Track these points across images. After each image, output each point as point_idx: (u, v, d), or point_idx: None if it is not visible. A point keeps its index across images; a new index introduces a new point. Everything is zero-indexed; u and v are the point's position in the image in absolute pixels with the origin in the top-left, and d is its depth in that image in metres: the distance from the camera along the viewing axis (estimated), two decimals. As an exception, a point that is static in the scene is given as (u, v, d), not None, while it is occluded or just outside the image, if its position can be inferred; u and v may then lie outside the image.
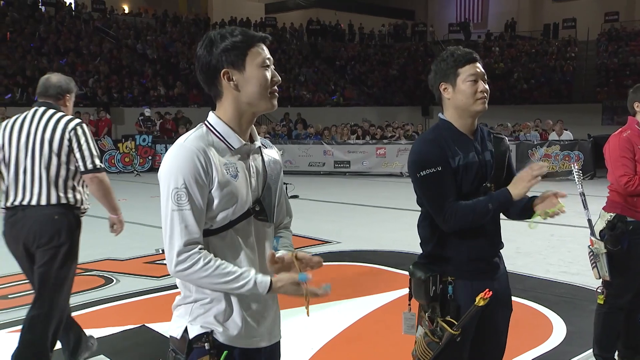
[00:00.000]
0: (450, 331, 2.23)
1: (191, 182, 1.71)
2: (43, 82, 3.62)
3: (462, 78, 2.30)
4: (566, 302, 4.89)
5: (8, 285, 5.57)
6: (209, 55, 1.77)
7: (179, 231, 1.71)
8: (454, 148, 2.27)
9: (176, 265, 1.71)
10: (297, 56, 28.94)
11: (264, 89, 1.79)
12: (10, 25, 22.08)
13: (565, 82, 26.73)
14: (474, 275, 2.32)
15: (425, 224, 2.39)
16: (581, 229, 7.62)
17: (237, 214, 1.78)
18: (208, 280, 1.72)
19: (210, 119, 1.83)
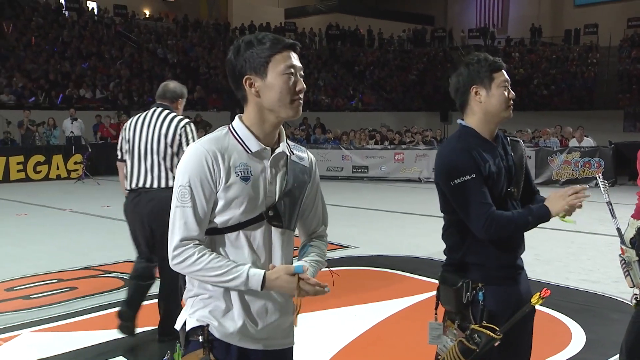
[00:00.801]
0: (492, 335, 2.19)
1: (196, 181, 1.76)
2: (162, 87, 4.34)
3: (497, 83, 2.30)
4: (586, 310, 4.84)
5: (30, 285, 5.65)
6: (235, 61, 1.82)
7: (178, 227, 1.77)
8: (483, 155, 2.26)
9: (172, 259, 1.78)
10: (316, 61, 29.01)
11: (285, 96, 1.80)
12: (35, 30, 22.44)
13: (587, 89, 26.49)
14: (503, 280, 2.31)
15: (452, 232, 2.36)
16: (601, 237, 7.57)
17: (246, 217, 1.80)
18: (201, 273, 1.77)
19: (234, 121, 1.88)
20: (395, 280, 5.86)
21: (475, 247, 2.30)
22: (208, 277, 1.77)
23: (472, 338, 2.23)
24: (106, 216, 9.52)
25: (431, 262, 6.56)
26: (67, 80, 20.31)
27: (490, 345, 2.21)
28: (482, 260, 2.30)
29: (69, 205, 10.92)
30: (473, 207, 2.21)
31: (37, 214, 10.07)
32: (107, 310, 4.83)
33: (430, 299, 5.20)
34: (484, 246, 2.29)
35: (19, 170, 15.28)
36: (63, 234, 8.27)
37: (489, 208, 2.20)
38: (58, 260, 6.57)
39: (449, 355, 2.28)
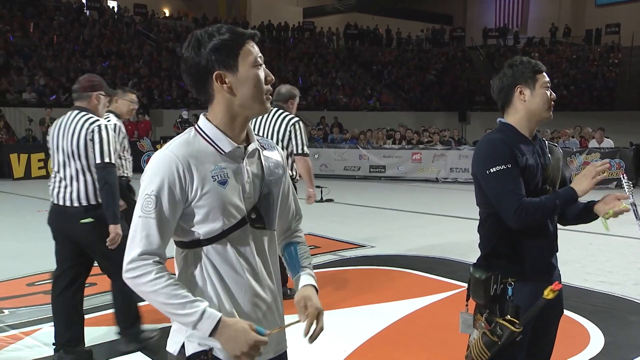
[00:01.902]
0: (512, 329, 2.24)
1: (163, 191, 1.61)
2: (276, 91, 5.10)
3: (540, 83, 2.40)
4: (604, 312, 4.80)
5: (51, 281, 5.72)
6: (198, 56, 1.64)
7: (139, 239, 1.62)
8: (521, 148, 2.34)
9: (126, 272, 1.62)
10: (334, 60, 29.01)
11: (259, 90, 1.69)
12: (57, 29, 22.73)
13: (608, 89, 26.16)
14: (534, 276, 2.35)
15: (488, 225, 2.42)
16: (620, 239, 7.49)
17: (230, 223, 1.67)
18: (153, 297, 1.61)
19: (200, 122, 1.72)
20: (412, 280, 5.86)
21: (507, 240, 2.35)
22: (158, 303, 1.61)
23: (495, 331, 2.28)
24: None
25: (448, 262, 6.55)
26: (88, 78, 20.52)
27: (512, 339, 2.24)
28: (516, 254, 2.36)
29: (88, 202, 11.03)
30: (506, 195, 2.27)
31: (57, 211, 10.19)
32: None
33: (446, 299, 5.20)
34: (519, 239, 2.34)
35: (40, 167, 15.50)
36: (83, 230, 8.36)
37: (521, 197, 2.26)
38: (78, 256, 6.65)
39: (475, 347, 2.34)
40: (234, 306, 1.70)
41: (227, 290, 1.70)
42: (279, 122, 4.98)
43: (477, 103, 26.99)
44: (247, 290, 1.72)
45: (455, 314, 4.72)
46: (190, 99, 21.86)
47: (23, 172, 15.23)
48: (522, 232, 2.32)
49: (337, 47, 31.49)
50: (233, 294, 1.70)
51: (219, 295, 1.69)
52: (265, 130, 4.99)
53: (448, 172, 15.16)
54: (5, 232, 8.20)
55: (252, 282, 1.72)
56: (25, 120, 16.89)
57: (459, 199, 11.95)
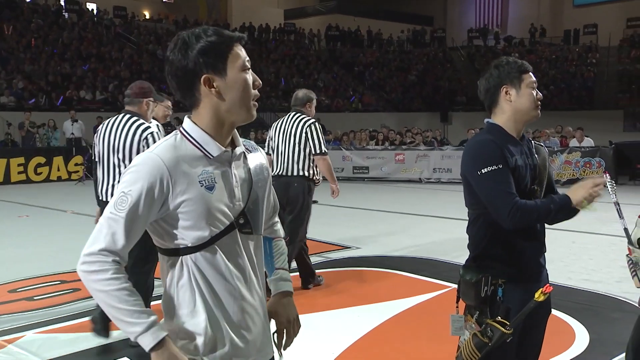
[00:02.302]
0: (503, 330, 2.25)
1: (141, 194, 1.54)
2: (294, 96, 5.53)
3: (526, 83, 2.41)
4: (588, 310, 4.85)
5: (34, 287, 5.66)
6: (185, 59, 1.58)
7: (104, 235, 1.55)
8: (510, 149, 2.35)
9: (82, 264, 1.55)
10: (316, 62, 29.03)
11: (247, 95, 1.64)
12: (35, 32, 22.45)
13: (586, 89, 26.52)
14: (524, 277, 2.37)
15: (478, 225, 2.42)
16: (603, 237, 7.58)
17: (218, 229, 1.61)
18: (103, 297, 1.53)
19: (185, 124, 1.66)
20: (398, 281, 5.87)
21: (500, 241, 2.36)
22: (106, 304, 1.54)
23: (485, 332, 2.28)
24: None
25: (434, 262, 6.58)
26: (68, 81, 20.32)
27: (503, 340, 2.26)
28: (506, 254, 2.37)
29: (70, 206, 10.92)
30: (499, 196, 2.28)
31: (38, 216, 10.08)
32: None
33: (433, 299, 5.22)
34: (509, 240, 2.35)
35: (19, 172, 15.29)
36: (65, 235, 8.27)
37: (514, 197, 2.27)
38: (61, 262, 6.56)
39: (465, 348, 2.34)
40: (222, 314, 1.66)
41: (216, 298, 1.65)
42: (296, 125, 5.28)
43: (458, 103, 27.20)
44: (236, 297, 1.67)
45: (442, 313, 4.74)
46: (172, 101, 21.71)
47: (2, 177, 15.01)
48: (512, 233, 2.33)
49: (319, 49, 31.53)
50: (222, 302, 1.66)
51: (208, 303, 1.64)
52: (283, 134, 5.30)
53: (431, 172, 15.23)
54: (-15, 238, 8.06)
55: (241, 288, 1.68)
56: (4, 124, 16.66)
57: (442, 199, 12.02)
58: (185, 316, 1.64)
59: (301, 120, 5.28)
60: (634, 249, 3.26)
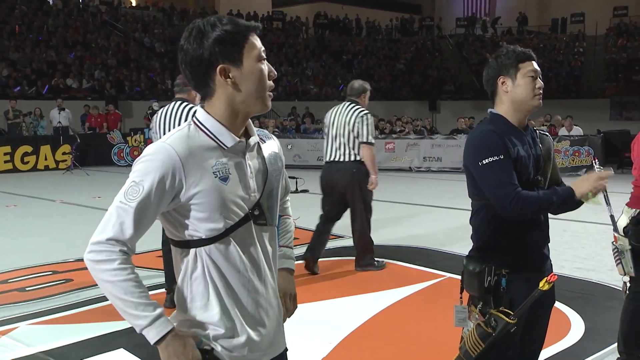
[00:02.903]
0: (507, 320, 2.24)
1: (153, 184, 1.52)
2: (349, 86, 5.90)
3: (523, 73, 2.38)
4: (582, 298, 4.89)
5: (25, 277, 5.60)
6: (200, 48, 1.55)
7: (112, 224, 1.53)
8: (512, 139, 2.33)
9: (89, 253, 1.54)
10: (304, 50, 28.89)
11: (263, 86, 1.61)
12: (19, 19, 22.10)
13: (574, 77, 26.63)
14: (528, 267, 2.36)
15: (481, 216, 2.41)
16: (594, 225, 7.63)
17: (232, 220, 1.59)
18: (109, 287, 1.52)
19: (199, 115, 1.63)
20: (392, 270, 5.88)
21: (504, 231, 2.35)
22: (112, 295, 1.53)
23: (489, 322, 2.28)
24: (98, 207, 9.44)
25: (427, 251, 6.59)
26: (53, 69, 20.06)
27: (507, 330, 2.25)
28: (507, 244, 2.36)
29: (59, 196, 10.82)
30: (500, 186, 2.27)
31: (27, 205, 9.97)
32: (104, 302, 4.79)
33: (427, 288, 5.23)
34: (512, 230, 2.34)
35: (6, 161, 15.11)
36: (55, 225, 8.20)
37: (516, 188, 2.26)
38: (51, 252, 6.51)
39: (469, 339, 2.34)
40: (236, 307, 1.64)
41: (230, 290, 1.63)
42: (350, 114, 5.61)
43: (446, 92, 27.22)
44: (250, 289, 1.66)
45: (437, 302, 4.77)
46: (160, 90, 21.54)
47: (-13, 166, 14.84)
48: (515, 223, 2.33)
49: (307, 37, 31.36)
50: (236, 294, 1.64)
51: (222, 296, 1.63)
52: (338, 123, 5.64)
53: (421, 161, 15.25)
54: (-27, 229, 7.97)
55: (255, 281, 1.67)
56: (-11, 112, 16.44)
57: (433, 188, 12.04)
58: (199, 309, 1.63)
59: (355, 110, 5.61)
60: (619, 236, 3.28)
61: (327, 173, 5.76)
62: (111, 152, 16.53)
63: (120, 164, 16.33)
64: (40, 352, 3.87)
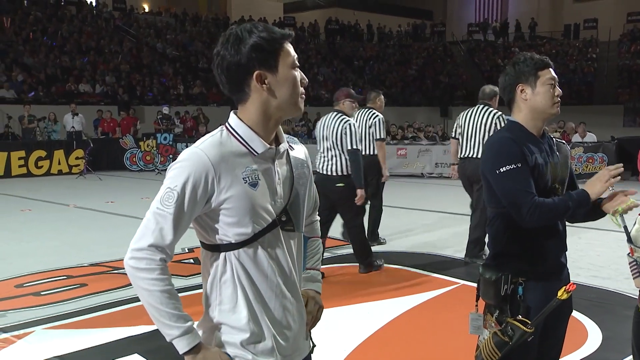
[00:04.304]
0: (524, 329, 2.22)
1: (187, 189, 1.56)
2: (481, 91, 6.49)
3: (542, 81, 2.36)
4: (599, 307, 4.84)
5: (40, 282, 5.63)
6: (237, 54, 1.59)
7: (152, 231, 1.58)
8: (530, 147, 2.32)
9: (130, 259, 1.58)
10: (316, 56, 28.95)
11: (296, 92, 1.66)
12: (33, 24, 22.31)
13: (586, 83, 26.48)
14: (545, 275, 2.34)
15: (498, 223, 2.40)
16: (609, 233, 7.56)
17: (260, 226, 1.63)
18: (146, 295, 1.58)
19: (231, 120, 1.67)
20: (406, 277, 5.85)
21: (521, 239, 2.33)
22: (147, 302, 1.58)
23: (506, 331, 2.26)
24: (111, 212, 9.49)
25: (440, 258, 6.56)
26: (67, 74, 20.22)
27: (524, 339, 2.23)
28: (526, 252, 2.34)
29: (72, 200, 10.88)
30: (518, 194, 2.26)
31: (41, 210, 10.03)
32: (118, 308, 4.82)
33: (441, 296, 5.20)
34: (526, 238, 2.32)
35: (20, 165, 15.23)
36: (68, 229, 8.24)
37: (533, 196, 2.25)
38: (65, 257, 6.54)
39: (485, 347, 2.32)
40: (264, 311, 1.67)
41: (258, 294, 1.67)
42: (485, 117, 6.23)
43: (458, 98, 27.15)
44: (277, 293, 1.69)
45: (452, 310, 4.74)
46: (172, 95, 21.65)
47: (3, 171, 14.94)
48: (532, 231, 2.31)
49: (318, 43, 31.43)
50: (264, 298, 1.67)
51: (250, 299, 1.66)
52: (473, 123, 6.26)
53: (433, 167, 15.20)
54: (-12, 233, 8.02)
55: (282, 285, 1.70)
56: (4, 117, 16.57)
57: (446, 194, 11.98)
58: (227, 312, 1.66)
59: (490, 112, 6.25)
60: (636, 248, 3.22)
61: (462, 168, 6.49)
62: (124, 156, 16.61)
63: (132, 168, 16.41)
64: (55, 357, 3.88)
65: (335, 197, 5.58)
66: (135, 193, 11.84)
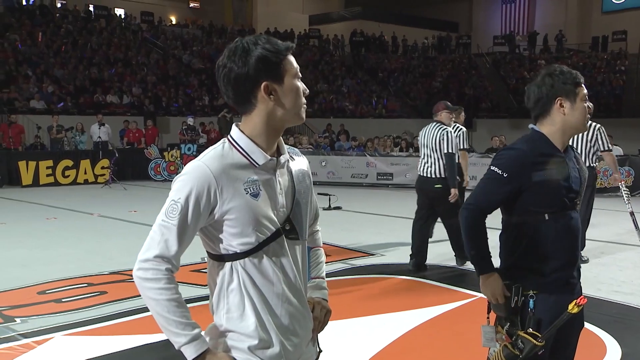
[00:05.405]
0: (534, 342, 2.22)
1: (190, 201, 1.61)
2: None
3: (581, 97, 2.37)
4: (619, 322, 4.75)
5: (62, 289, 5.73)
6: (245, 66, 1.63)
7: (157, 242, 1.63)
8: (545, 161, 2.31)
9: (137, 270, 1.64)
10: (340, 67, 29.04)
11: (300, 102, 1.71)
12: (64, 37, 22.82)
13: (615, 96, 26.08)
14: (556, 288, 2.33)
15: (507, 234, 2.41)
16: (631, 247, 7.43)
17: (264, 235, 1.67)
18: (153, 304, 1.63)
19: (233, 133, 1.72)
20: (423, 289, 5.82)
21: (533, 251, 2.33)
22: (155, 311, 1.63)
23: (516, 344, 2.26)
24: (133, 221, 9.62)
25: (459, 270, 6.51)
26: (95, 85, 20.61)
27: (534, 352, 2.22)
28: (536, 264, 2.34)
29: (97, 209, 11.05)
30: (481, 192, 2.38)
31: (66, 218, 10.22)
32: (136, 315, 4.87)
33: (458, 308, 5.16)
34: (542, 251, 2.32)
35: (48, 174, 15.52)
36: (92, 238, 8.37)
37: (486, 206, 2.37)
38: (87, 264, 6.65)
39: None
40: (271, 318, 1.71)
41: (265, 302, 1.70)
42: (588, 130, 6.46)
43: (483, 110, 26.96)
44: (284, 301, 1.72)
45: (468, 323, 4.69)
46: (197, 106, 21.90)
47: (31, 180, 15.26)
48: (544, 243, 2.30)
49: (343, 54, 31.53)
50: (271, 306, 1.71)
51: (257, 307, 1.70)
52: (574, 139, 6.38)
53: (456, 179, 15.08)
54: (14, 240, 8.19)
55: (288, 292, 1.73)
56: (34, 127, 16.95)
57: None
58: (235, 319, 1.70)
59: (590, 125, 6.46)
60: None
61: None
62: (148, 166, 16.83)
63: (157, 178, 16.61)
64: (73, 363, 3.94)
65: (434, 196, 6.48)
66: (158, 203, 11.81)
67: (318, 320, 1.89)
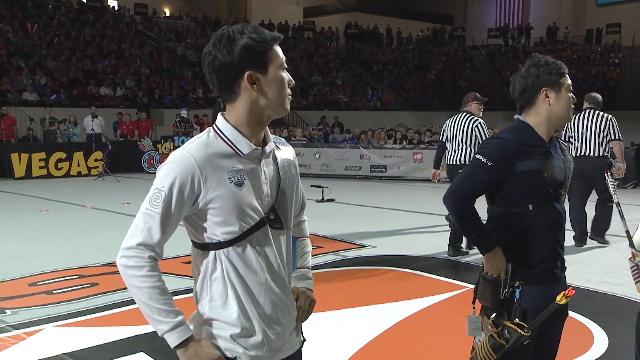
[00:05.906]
0: (521, 332, 2.24)
1: (174, 190, 1.62)
2: (592, 96, 7.41)
3: (566, 87, 2.38)
4: (607, 313, 4.79)
5: (53, 281, 5.73)
6: (229, 55, 1.63)
7: (140, 230, 1.64)
8: (529, 151, 2.32)
9: (120, 257, 1.65)
10: (335, 60, 29.00)
11: (284, 93, 1.71)
12: (57, 29, 22.69)
13: (608, 89, 26.14)
14: (541, 279, 2.35)
15: (494, 225, 2.41)
16: (621, 238, 7.45)
17: (248, 224, 1.67)
18: (136, 291, 1.63)
19: (219, 122, 1.72)
20: (414, 281, 5.84)
21: (519, 242, 2.35)
22: (138, 299, 1.63)
23: (502, 334, 2.28)
24: (126, 213, 9.61)
25: (450, 262, 6.54)
26: (88, 78, 20.52)
27: (520, 343, 2.24)
28: (522, 255, 2.35)
29: (89, 202, 11.04)
30: (465, 178, 2.40)
31: (58, 210, 10.20)
32: (127, 307, 4.87)
33: (449, 300, 5.19)
34: (528, 242, 2.34)
35: (40, 166, 15.49)
36: (84, 230, 8.36)
37: (470, 193, 2.37)
38: (79, 256, 6.65)
39: (481, 350, 2.34)
40: (254, 307, 1.72)
41: (247, 291, 1.71)
42: (599, 120, 7.03)
43: (477, 103, 26.97)
44: (267, 290, 1.73)
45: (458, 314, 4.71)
46: (191, 98, 21.85)
47: (24, 172, 15.22)
48: (530, 234, 2.32)
49: (338, 47, 31.48)
50: (254, 295, 1.72)
51: (240, 296, 1.71)
52: (585, 126, 7.10)
53: (449, 171, 15.12)
54: (6, 232, 8.18)
55: (272, 282, 1.74)
56: (26, 119, 16.88)
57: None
58: (218, 308, 1.71)
59: (603, 116, 7.07)
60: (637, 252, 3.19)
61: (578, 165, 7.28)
62: (142, 159, 16.81)
63: (150, 171, 16.58)
64: (64, 354, 3.94)
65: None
66: (152, 195, 11.93)
67: (302, 309, 1.90)
